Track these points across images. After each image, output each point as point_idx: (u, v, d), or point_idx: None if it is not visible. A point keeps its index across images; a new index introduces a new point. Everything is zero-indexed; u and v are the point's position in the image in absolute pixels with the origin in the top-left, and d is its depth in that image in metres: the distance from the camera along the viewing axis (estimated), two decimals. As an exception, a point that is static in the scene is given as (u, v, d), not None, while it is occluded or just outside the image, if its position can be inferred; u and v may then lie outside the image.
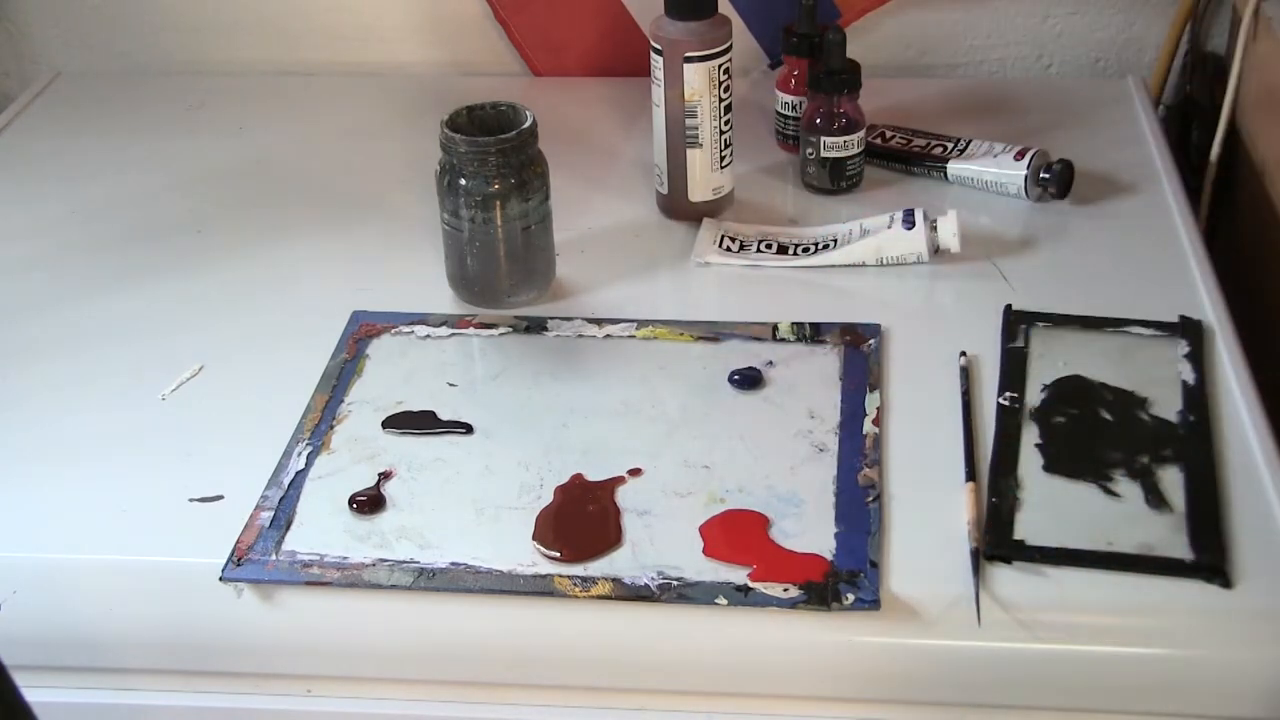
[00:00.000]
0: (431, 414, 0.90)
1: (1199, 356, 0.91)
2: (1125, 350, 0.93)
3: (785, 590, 0.76)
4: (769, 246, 1.05)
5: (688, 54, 1.03)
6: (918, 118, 1.19)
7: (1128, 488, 0.82)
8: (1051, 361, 0.92)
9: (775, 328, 0.96)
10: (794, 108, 1.16)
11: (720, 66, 1.04)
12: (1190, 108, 1.29)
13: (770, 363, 0.93)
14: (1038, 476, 0.83)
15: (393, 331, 0.98)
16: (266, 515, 0.83)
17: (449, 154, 0.96)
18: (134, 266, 1.07)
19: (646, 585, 0.77)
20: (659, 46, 1.04)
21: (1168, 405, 0.88)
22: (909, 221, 1.02)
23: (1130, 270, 1.01)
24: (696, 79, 1.03)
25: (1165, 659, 0.75)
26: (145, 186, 1.18)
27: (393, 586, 0.78)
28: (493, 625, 0.78)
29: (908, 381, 0.91)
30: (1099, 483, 0.82)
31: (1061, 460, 0.84)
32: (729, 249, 1.05)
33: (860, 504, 0.82)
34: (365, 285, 1.03)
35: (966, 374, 0.91)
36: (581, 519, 0.82)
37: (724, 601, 0.76)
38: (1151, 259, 1.03)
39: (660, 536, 0.80)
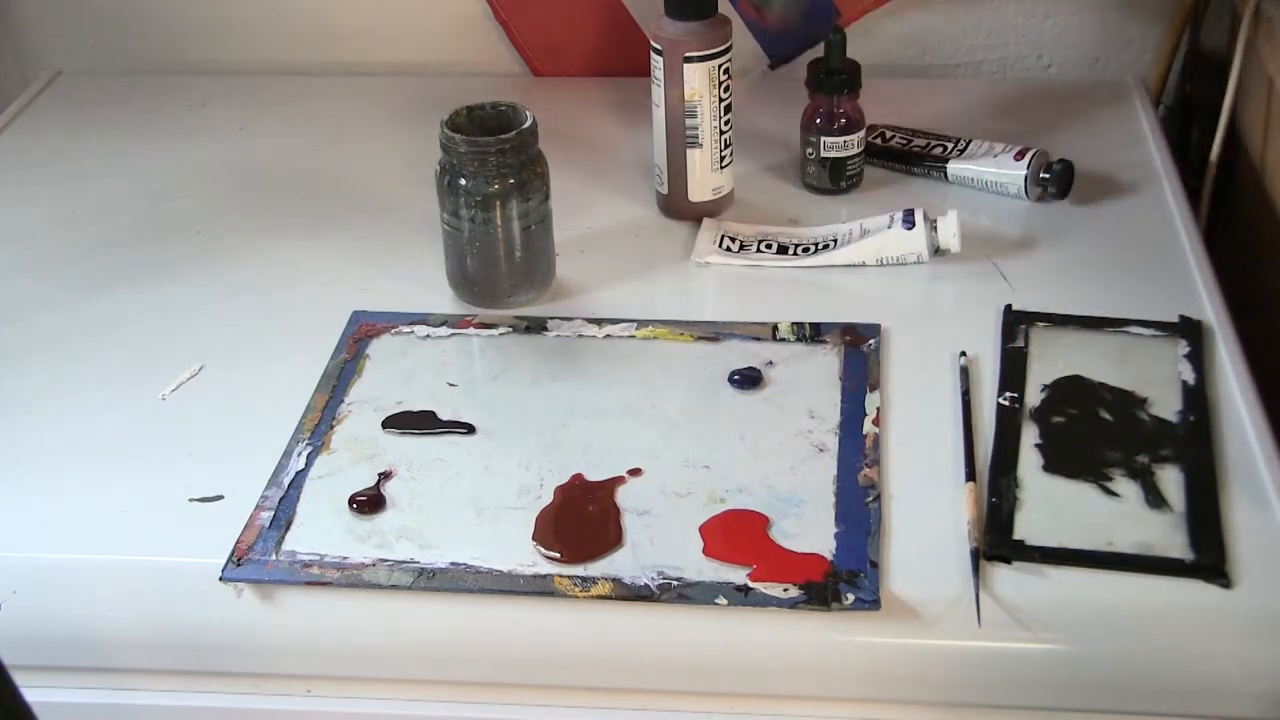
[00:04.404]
0: (431, 414, 0.90)
1: (1199, 356, 0.91)
2: (1125, 350, 0.93)
3: (785, 590, 0.76)
4: (769, 246, 1.05)
5: (688, 54, 1.03)
6: (918, 118, 1.19)
7: (1127, 487, 0.82)
8: (1051, 361, 0.92)
9: (775, 328, 0.96)
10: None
11: (720, 66, 1.04)
12: (1190, 108, 1.29)
13: (770, 363, 0.93)
14: (1037, 476, 0.83)
15: (393, 331, 0.98)
16: (266, 515, 0.83)
17: (449, 154, 0.96)
18: (134, 266, 1.07)
19: (646, 585, 0.77)
20: (659, 46, 1.04)
21: (1167, 405, 0.88)
22: (909, 221, 1.02)
23: (1130, 270, 1.01)
24: (696, 79, 1.03)
25: (1165, 659, 0.75)
26: (145, 186, 1.18)
27: (393, 586, 0.78)
28: (493, 625, 0.78)
29: (908, 381, 0.91)
30: (1098, 482, 0.82)
31: (1061, 460, 0.84)
32: (729, 249, 1.05)
33: (860, 504, 0.81)
34: (365, 285, 1.03)
35: (966, 374, 0.91)
36: (581, 519, 0.82)
37: (724, 601, 0.76)
38: (1151, 259, 1.03)
39: (660, 536, 0.80)
